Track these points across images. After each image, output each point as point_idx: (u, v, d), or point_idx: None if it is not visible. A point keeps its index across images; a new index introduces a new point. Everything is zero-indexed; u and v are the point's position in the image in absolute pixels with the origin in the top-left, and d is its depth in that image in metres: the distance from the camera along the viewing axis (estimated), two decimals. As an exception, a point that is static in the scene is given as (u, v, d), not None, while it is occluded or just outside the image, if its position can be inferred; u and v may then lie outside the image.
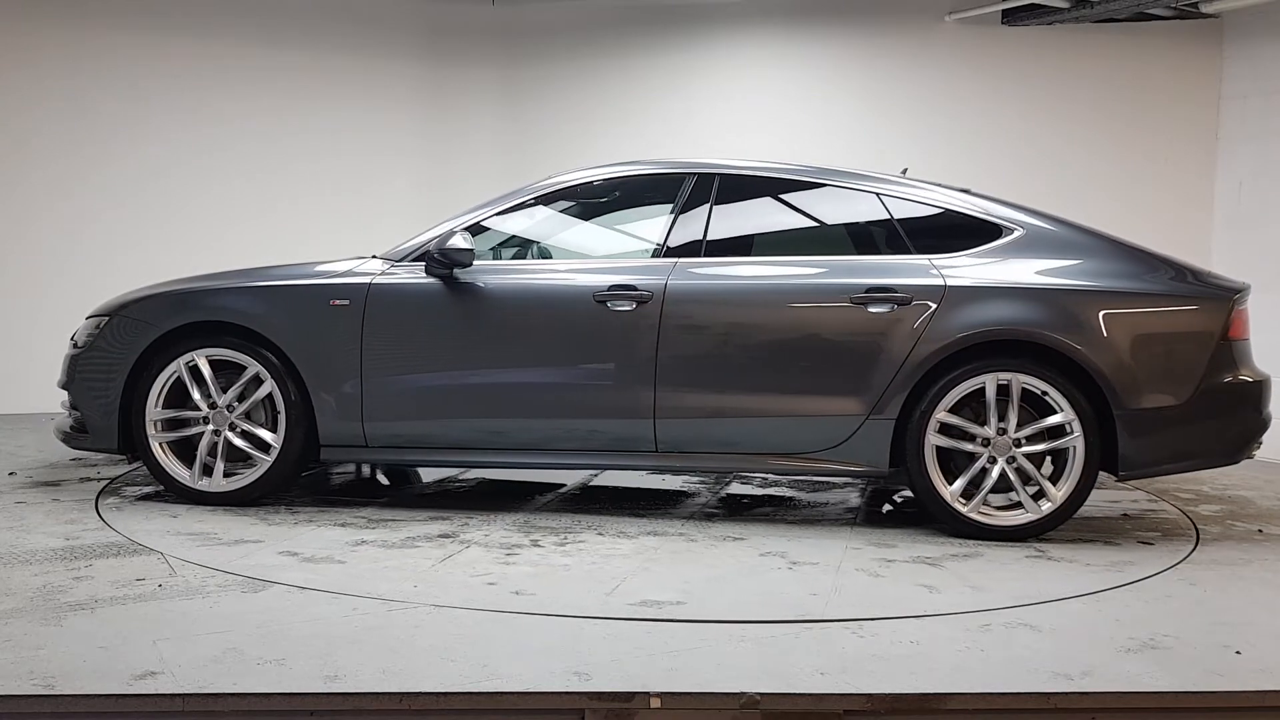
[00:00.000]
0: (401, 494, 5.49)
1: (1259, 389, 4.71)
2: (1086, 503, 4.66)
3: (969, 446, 4.59)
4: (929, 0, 8.03)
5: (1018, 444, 4.56)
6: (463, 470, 5.94)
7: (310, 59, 8.55)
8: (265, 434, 4.91)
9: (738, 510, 5.16)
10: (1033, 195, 5.53)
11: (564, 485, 5.67)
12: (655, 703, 2.85)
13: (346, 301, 4.89)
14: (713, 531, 4.69)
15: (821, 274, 4.76)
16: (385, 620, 3.41)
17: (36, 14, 7.74)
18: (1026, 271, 4.65)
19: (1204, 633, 3.51)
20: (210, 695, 2.79)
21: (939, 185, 4.99)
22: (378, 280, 4.92)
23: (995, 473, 4.57)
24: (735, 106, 8.42)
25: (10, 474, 5.57)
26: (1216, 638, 3.45)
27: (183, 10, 8.16)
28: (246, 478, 4.92)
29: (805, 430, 4.69)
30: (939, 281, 4.64)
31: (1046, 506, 4.57)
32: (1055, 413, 4.53)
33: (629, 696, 2.86)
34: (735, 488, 5.65)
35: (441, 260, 4.81)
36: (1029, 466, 4.57)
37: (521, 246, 5.24)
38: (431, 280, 4.87)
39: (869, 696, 2.91)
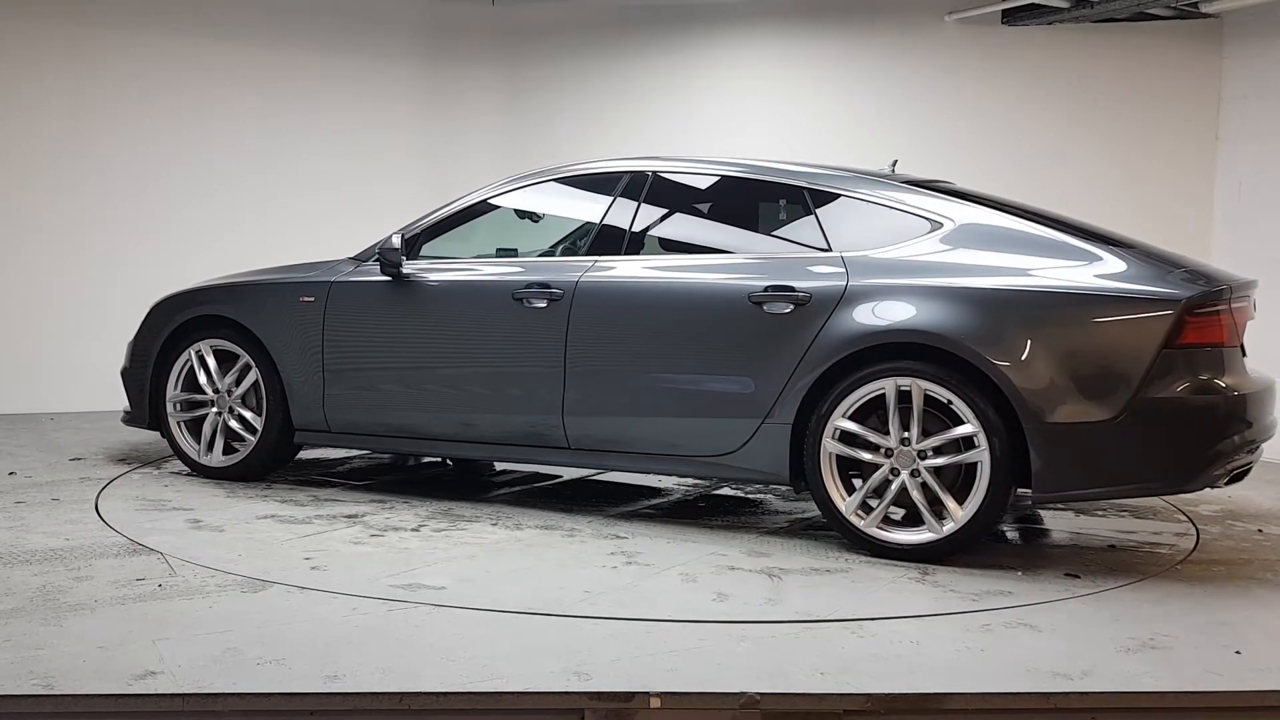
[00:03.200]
0: (391, 479, 5.59)
1: (1229, 405, 4.06)
2: (1093, 531, 4.61)
3: (866, 455, 4.24)
4: (929, 0, 8.03)
5: (922, 455, 4.17)
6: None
7: (310, 59, 8.55)
8: (251, 418, 5.40)
9: (679, 512, 5.09)
10: (1032, 195, 5.51)
11: (559, 477, 5.75)
12: (655, 703, 2.85)
13: (312, 298, 5.32)
14: (606, 530, 4.67)
15: (725, 272, 4.61)
16: (385, 620, 3.41)
17: (36, 14, 7.74)
18: (939, 268, 4.29)
19: (1204, 633, 3.51)
20: (210, 695, 2.80)
21: (889, 177, 4.75)
22: (338, 279, 5.32)
23: (895, 486, 4.19)
24: (735, 106, 8.41)
25: (10, 474, 5.57)
26: (1216, 638, 3.46)
27: (183, 10, 8.15)
28: (237, 456, 5.44)
29: (705, 433, 4.55)
30: (841, 280, 4.37)
31: (948, 526, 4.13)
32: (965, 423, 4.10)
33: (629, 696, 2.86)
34: (726, 490, 5.60)
35: (382, 260, 5.12)
36: (932, 481, 4.14)
37: (477, 246, 5.38)
38: (382, 279, 5.18)
39: (869, 696, 2.92)
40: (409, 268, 5.14)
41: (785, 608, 3.64)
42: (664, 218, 5.00)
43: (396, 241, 5.10)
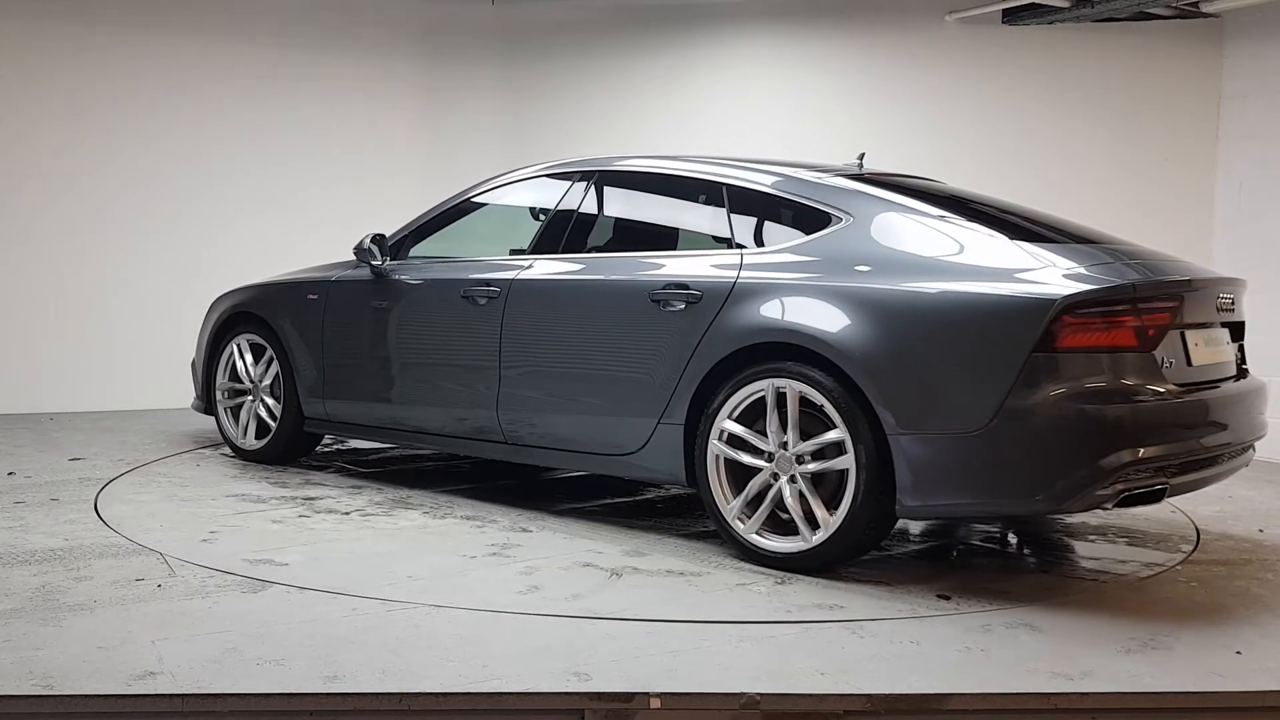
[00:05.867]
0: (398, 469, 5.71)
1: (1115, 416, 3.61)
2: (1057, 554, 4.49)
3: (746, 459, 4.09)
4: (929, 0, 8.03)
5: (801, 460, 3.99)
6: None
7: (310, 58, 8.55)
8: (274, 405, 5.85)
9: (625, 511, 5.06)
10: (1032, 194, 5.51)
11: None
12: (655, 703, 2.85)
13: (315, 296, 5.69)
14: (520, 523, 4.74)
15: (636, 270, 4.57)
16: (385, 620, 3.41)
17: (36, 14, 7.74)
18: (822, 266, 4.09)
19: (1204, 633, 3.51)
20: (210, 695, 2.79)
21: (830, 171, 4.54)
22: (336, 276, 5.67)
23: (773, 493, 4.04)
24: (735, 106, 8.41)
25: (10, 474, 5.57)
26: (1216, 638, 3.45)
27: (183, 10, 8.15)
28: (263, 441, 5.91)
29: (613, 432, 4.54)
30: (732, 277, 4.25)
31: (817, 536, 3.93)
32: (836, 428, 3.89)
33: (629, 697, 2.86)
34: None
35: (363, 260, 5.48)
36: (806, 487, 3.96)
37: (470, 246, 5.52)
38: (368, 279, 5.48)
39: (869, 697, 2.91)
40: (390, 266, 5.42)
41: (579, 604, 3.62)
42: (601, 216, 5.06)
43: (366, 242, 5.42)
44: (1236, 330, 4.38)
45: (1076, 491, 3.60)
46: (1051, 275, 3.72)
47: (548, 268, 4.86)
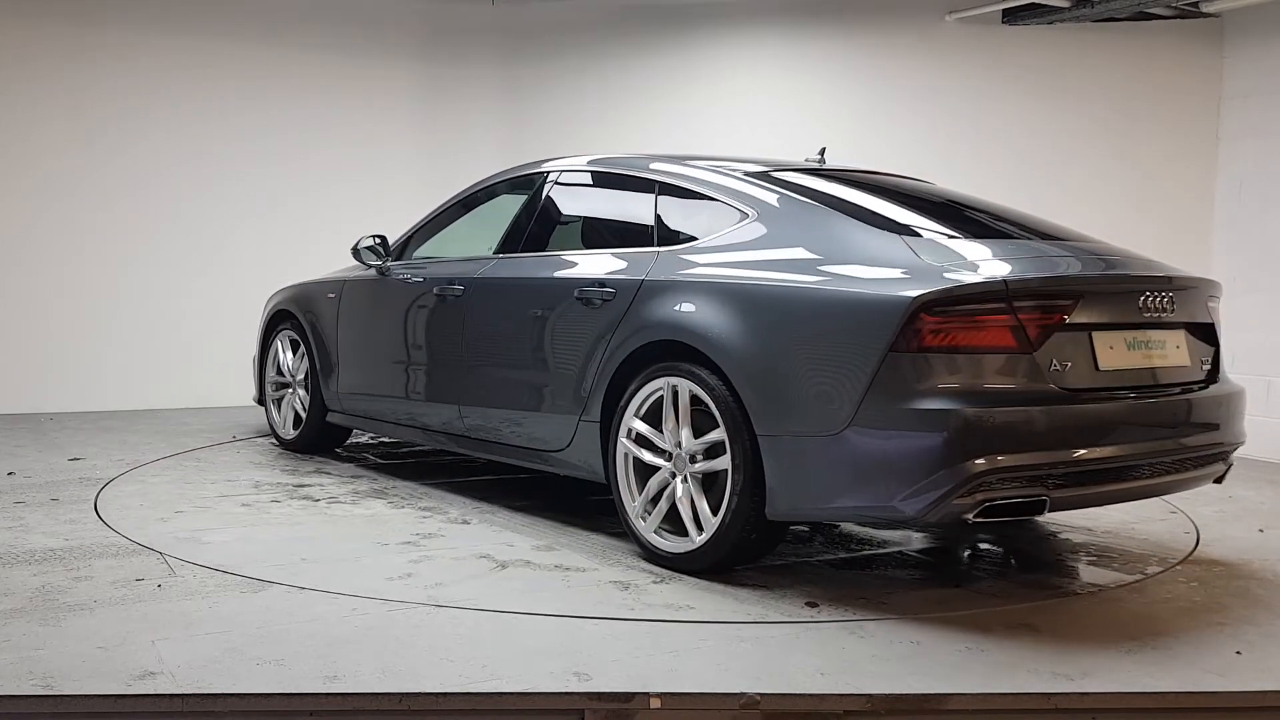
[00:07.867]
0: (414, 463, 5.86)
1: (976, 420, 3.34)
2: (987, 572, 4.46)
3: (648, 457, 4.07)
4: (929, 0, 8.03)
5: (693, 459, 3.93)
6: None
7: (310, 58, 8.55)
8: (305, 398, 6.20)
9: (584, 509, 5.07)
10: (1033, 194, 5.52)
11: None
12: (655, 703, 2.85)
13: (333, 295, 5.97)
14: (466, 516, 4.83)
15: (569, 269, 4.62)
16: (385, 620, 3.41)
17: (36, 14, 7.74)
18: (712, 263, 4.04)
19: (1204, 633, 3.51)
20: (210, 695, 2.79)
21: (779, 165, 4.54)
22: (351, 276, 5.92)
23: (668, 491, 4.00)
24: (735, 106, 8.41)
25: (10, 474, 5.57)
26: (1216, 638, 3.45)
27: (183, 11, 8.15)
28: (297, 431, 6.30)
29: (547, 429, 4.58)
30: (641, 276, 4.23)
31: (700, 538, 3.87)
32: (719, 426, 3.82)
33: (629, 697, 2.86)
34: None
35: (357, 260, 5.78)
36: (694, 486, 3.92)
37: (467, 245, 5.65)
38: (373, 278, 5.73)
39: (869, 697, 2.91)
40: (387, 266, 5.67)
41: (434, 593, 3.68)
42: (553, 216, 5.12)
43: (365, 243, 5.68)
44: (1207, 332, 4.10)
45: (933, 499, 3.36)
46: (950, 275, 3.48)
47: (502, 267, 4.97)
